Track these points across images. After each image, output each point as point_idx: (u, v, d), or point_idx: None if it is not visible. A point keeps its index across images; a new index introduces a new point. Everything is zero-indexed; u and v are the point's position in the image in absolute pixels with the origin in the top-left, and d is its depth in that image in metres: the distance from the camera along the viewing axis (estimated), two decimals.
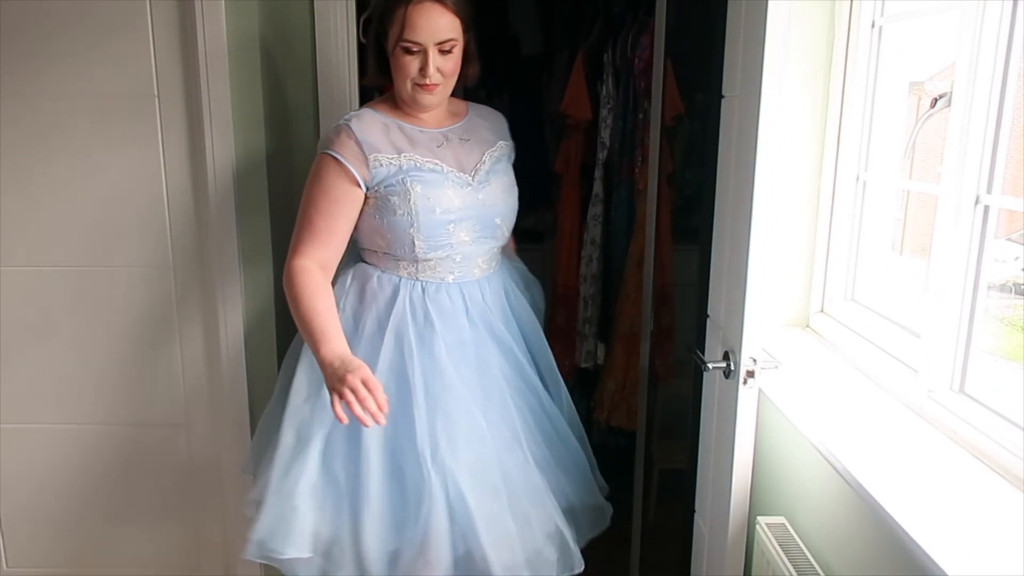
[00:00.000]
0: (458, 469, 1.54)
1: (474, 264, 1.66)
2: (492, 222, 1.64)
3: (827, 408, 1.44)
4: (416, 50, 1.51)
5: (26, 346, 2.03)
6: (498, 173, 1.68)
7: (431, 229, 1.56)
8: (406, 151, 1.58)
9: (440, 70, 1.54)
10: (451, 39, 1.52)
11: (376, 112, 1.63)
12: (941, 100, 1.44)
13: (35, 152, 1.92)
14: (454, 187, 1.59)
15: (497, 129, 1.75)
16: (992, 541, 1.04)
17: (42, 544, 2.16)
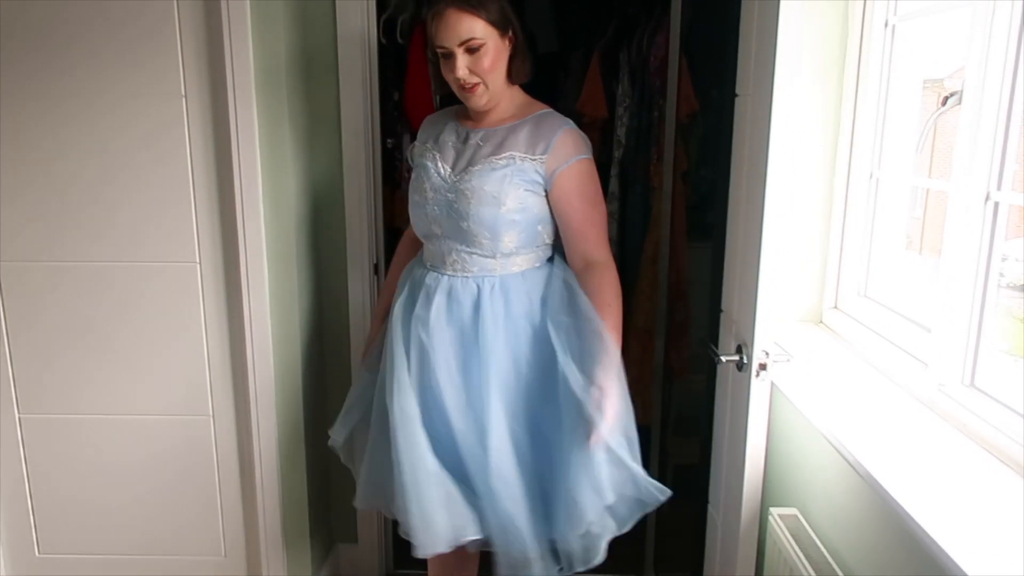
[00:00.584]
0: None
1: (445, 260, 1.72)
2: (457, 224, 1.66)
3: (839, 401, 1.46)
4: (448, 55, 1.62)
5: (58, 339, 2.09)
6: (483, 180, 1.64)
7: (413, 212, 1.76)
8: (428, 142, 1.77)
9: (471, 70, 1.61)
10: (473, 38, 1.59)
11: (450, 111, 1.83)
12: (952, 98, 1.46)
13: (65, 150, 1.97)
14: (433, 181, 1.71)
15: (531, 143, 1.66)
16: (1002, 532, 1.05)
17: (73, 531, 2.23)
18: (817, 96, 1.81)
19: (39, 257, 2.03)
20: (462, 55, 1.59)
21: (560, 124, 1.68)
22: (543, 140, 1.66)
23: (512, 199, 1.64)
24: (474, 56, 1.60)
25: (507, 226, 1.66)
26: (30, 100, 1.93)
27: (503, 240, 1.67)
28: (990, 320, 1.36)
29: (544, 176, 1.66)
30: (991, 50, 1.28)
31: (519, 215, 1.66)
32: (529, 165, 1.66)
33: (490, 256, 1.69)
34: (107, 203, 2.00)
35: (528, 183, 1.66)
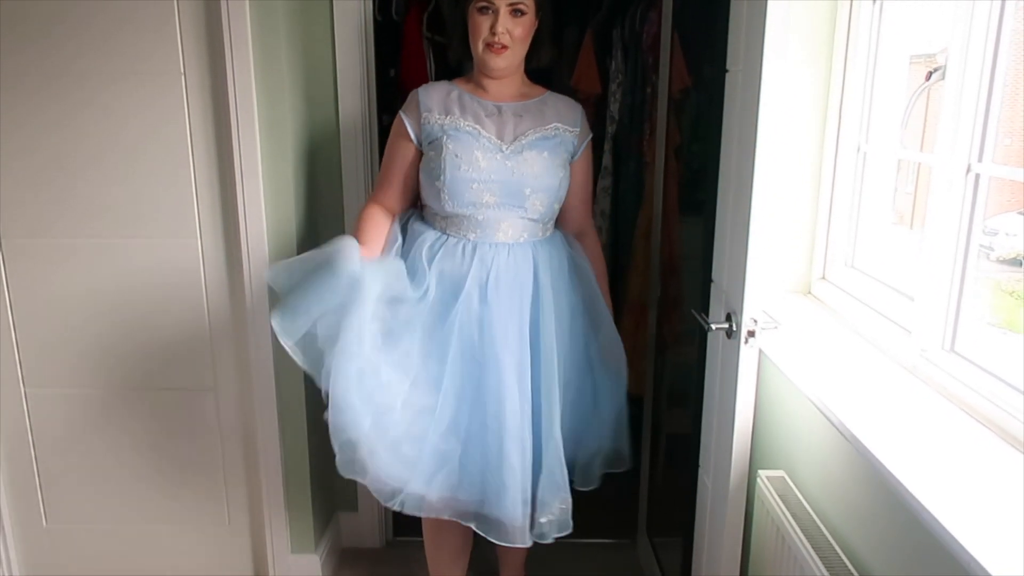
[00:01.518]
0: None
1: (496, 228, 1.77)
2: (519, 191, 1.75)
3: (825, 367, 1.51)
4: (489, 10, 1.70)
5: (63, 314, 2.12)
6: (539, 149, 1.77)
7: (455, 184, 1.73)
8: (454, 114, 1.78)
9: (509, 32, 1.70)
10: (521, 3, 1.70)
11: (450, 83, 1.86)
12: (936, 73, 1.49)
13: (65, 127, 1.99)
14: (484, 150, 1.74)
15: (563, 116, 1.83)
16: (981, 488, 1.09)
17: (79, 502, 2.28)
18: (806, 71, 1.84)
19: (41, 233, 2.06)
20: (505, 15, 1.69)
21: (575, 102, 1.88)
22: (574, 114, 1.84)
23: (563, 167, 1.82)
24: (514, 20, 1.71)
25: (562, 191, 1.83)
26: (29, 77, 1.95)
27: (555, 205, 1.83)
28: (970, 288, 1.41)
29: (575, 147, 1.85)
30: (973, 24, 1.32)
31: (567, 181, 1.84)
32: (569, 137, 1.83)
33: (540, 221, 1.82)
34: (108, 180, 2.02)
35: (567, 153, 1.83)
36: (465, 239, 1.78)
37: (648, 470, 2.47)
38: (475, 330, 1.75)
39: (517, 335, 1.77)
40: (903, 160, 1.82)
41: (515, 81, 1.83)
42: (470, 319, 1.75)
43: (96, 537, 2.31)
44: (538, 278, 1.80)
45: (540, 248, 1.83)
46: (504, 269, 1.76)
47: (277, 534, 2.27)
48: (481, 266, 1.76)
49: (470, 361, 1.76)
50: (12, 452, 2.23)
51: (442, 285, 1.77)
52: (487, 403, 1.75)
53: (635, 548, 2.56)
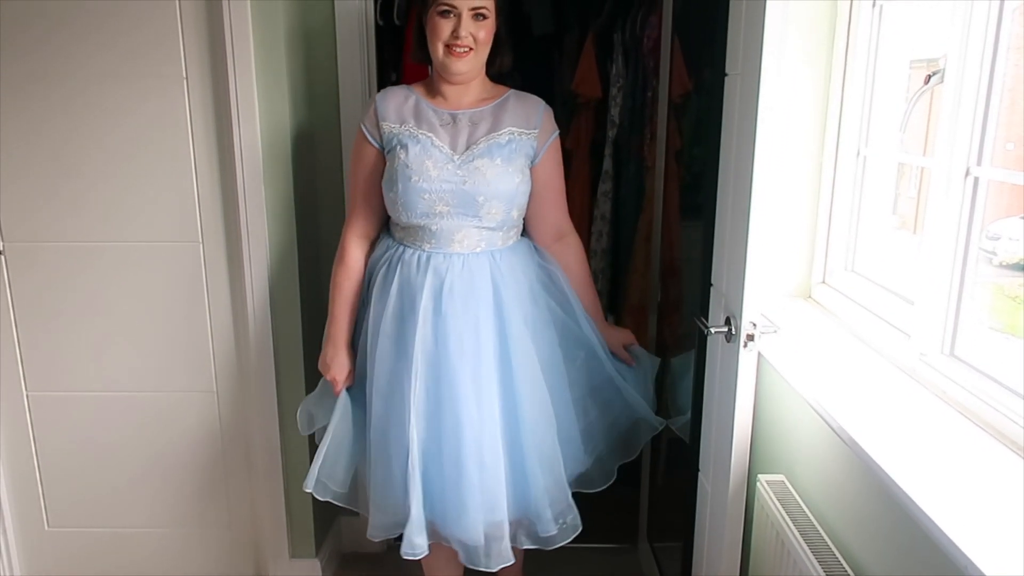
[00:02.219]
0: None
1: (451, 238, 1.73)
2: (472, 200, 1.70)
3: (825, 371, 1.51)
4: (451, 13, 1.66)
5: (65, 317, 2.13)
6: (492, 156, 1.72)
7: (407, 195, 1.71)
8: (408, 123, 1.75)
9: (473, 36, 1.67)
10: (484, 7, 1.67)
11: (407, 88, 1.82)
12: (934, 76, 1.50)
13: (68, 132, 2.00)
14: (435, 159, 1.71)
15: (523, 118, 1.77)
16: (981, 492, 1.09)
17: (81, 505, 2.28)
18: (806, 75, 1.84)
19: (44, 237, 2.07)
20: (468, 18, 1.66)
21: (538, 101, 1.82)
22: (532, 116, 1.78)
23: (520, 172, 1.75)
24: (477, 24, 1.67)
25: (520, 197, 1.76)
26: (32, 81, 1.97)
27: (513, 213, 1.77)
28: (969, 292, 1.41)
29: (535, 149, 1.78)
30: (971, 26, 1.32)
31: (525, 186, 1.77)
32: (526, 139, 1.77)
33: (498, 230, 1.76)
34: (110, 184, 2.03)
35: (525, 157, 1.77)
36: (420, 250, 1.75)
37: (648, 474, 2.47)
38: (431, 343, 1.72)
39: (474, 347, 1.72)
40: (905, 164, 1.82)
41: (476, 86, 1.79)
42: (425, 332, 1.72)
43: (97, 540, 2.31)
44: (498, 289, 1.75)
45: (500, 258, 1.78)
46: (459, 280, 1.72)
47: (278, 538, 2.28)
48: (435, 277, 1.72)
49: (426, 375, 1.72)
50: (14, 455, 2.24)
51: (399, 298, 1.75)
52: (444, 418, 1.72)
53: (636, 552, 2.55)
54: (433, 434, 1.73)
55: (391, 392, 1.74)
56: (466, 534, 1.72)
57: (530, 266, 1.85)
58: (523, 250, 1.85)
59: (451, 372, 1.71)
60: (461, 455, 1.70)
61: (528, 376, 1.76)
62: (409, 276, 1.74)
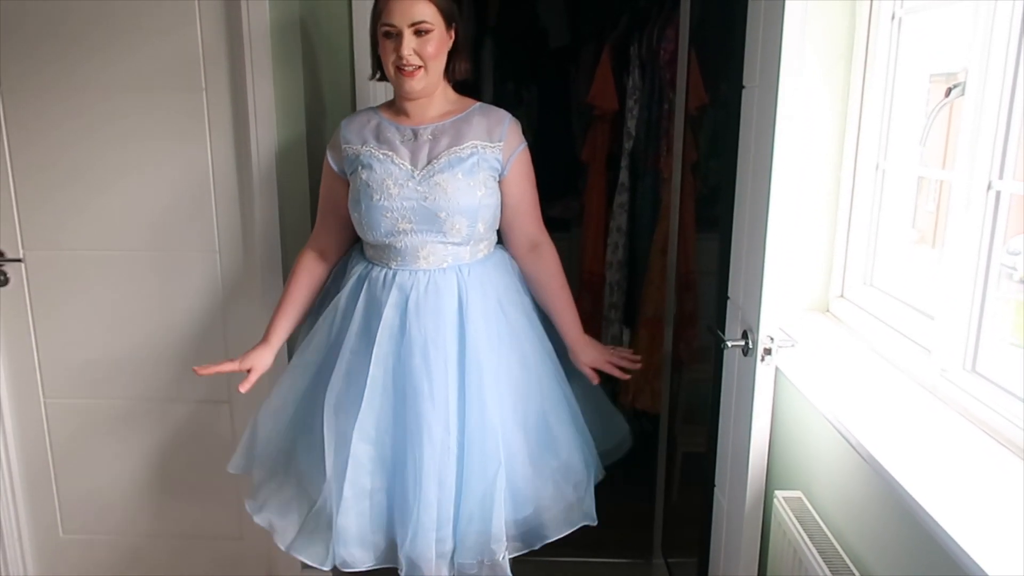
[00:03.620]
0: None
1: (416, 255, 1.71)
2: (434, 216, 1.68)
3: (843, 386, 1.49)
4: (393, 33, 1.63)
5: (82, 325, 2.15)
6: (452, 171, 1.69)
7: (370, 214, 1.69)
8: (370, 143, 1.73)
9: (418, 52, 1.63)
10: (424, 22, 1.62)
11: (372, 111, 1.81)
12: (955, 90, 1.48)
13: (88, 141, 2.03)
14: (395, 177, 1.69)
15: (486, 131, 1.74)
16: (1002, 512, 1.07)
17: (95, 512, 2.29)
18: (825, 88, 1.83)
19: (63, 246, 2.09)
20: (409, 36, 1.62)
21: (504, 113, 1.79)
22: (496, 129, 1.75)
23: (484, 186, 1.72)
24: (421, 39, 1.63)
25: (484, 211, 1.72)
26: (52, 92, 2.00)
27: (479, 226, 1.73)
28: (992, 307, 1.39)
29: (501, 162, 1.75)
30: (993, 39, 1.31)
31: (489, 199, 1.74)
32: (490, 153, 1.73)
33: (464, 244, 1.74)
34: (129, 193, 2.05)
35: (490, 170, 1.74)
36: (388, 268, 1.74)
37: (663, 489, 2.44)
38: (393, 360, 1.70)
39: (441, 365, 1.69)
40: (924, 178, 1.80)
41: (437, 99, 1.75)
42: (389, 350, 1.70)
43: (111, 547, 2.32)
44: (463, 305, 1.72)
45: (468, 272, 1.75)
46: (424, 296, 1.70)
47: None
48: (400, 294, 1.71)
49: (389, 391, 1.71)
50: (30, 461, 2.25)
51: (365, 315, 1.73)
52: (406, 436, 1.70)
53: (650, 568, 2.53)
54: (391, 451, 1.72)
55: (347, 407, 1.71)
56: (419, 552, 1.69)
57: (501, 279, 1.81)
58: (494, 263, 1.82)
59: (414, 390, 1.68)
60: (421, 475, 1.67)
61: (485, 396, 1.71)
62: (375, 293, 1.73)
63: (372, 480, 1.72)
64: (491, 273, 1.80)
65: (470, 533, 1.72)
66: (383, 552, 1.77)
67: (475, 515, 1.72)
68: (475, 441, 1.71)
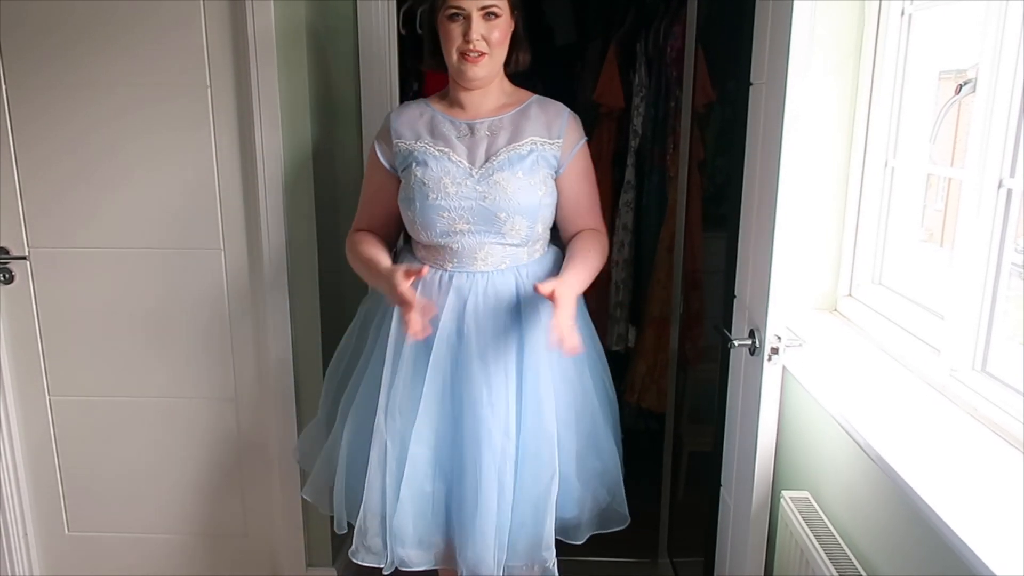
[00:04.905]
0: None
1: (474, 257, 1.65)
2: (493, 216, 1.62)
3: (851, 386, 1.48)
4: (461, 15, 1.56)
5: (88, 322, 2.15)
6: (512, 169, 1.62)
7: (426, 214, 1.62)
8: (424, 138, 1.66)
9: (485, 38, 1.57)
10: (494, 5, 1.56)
11: (423, 103, 1.74)
12: (966, 87, 1.47)
13: (93, 139, 2.03)
14: (452, 176, 1.62)
15: (545, 126, 1.68)
16: (1013, 515, 1.05)
17: (100, 510, 2.30)
18: (833, 85, 1.82)
19: (68, 243, 2.10)
20: (478, 20, 1.56)
21: (562, 107, 1.72)
22: (555, 123, 1.68)
23: (544, 184, 1.66)
24: (489, 24, 1.57)
25: (544, 211, 1.67)
26: (57, 89, 2.00)
27: (538, 227, 1.67)
28: (1002, 307, 1.37)
29: (559, 159, 1.68)
30: (1005, 36, 1.29)
31: (549, 199, 1.68)
32: (548, 150, 1.67)
33: (523, 245, 1.68)
34: (134, 191, 2.05)
35: (549, 167, 1.67)
36: (443, 270, 1.67)
37: (669, 488, 2.43)
38: (449, 366, 1.65)
39: (501, 371, 1.64)
40: (933, 176, 1.79)
41: (494, 90, 1.69)
42: (447, 354, 1.65)
43: (117, 545, 2.32)
44: (522, 306, 1.66)
45: (526, 274, 1.69)
46: (482, 300, 1.64)
47: (294, 546, 2.27)
48: (457, 298, 1.64)
49: (447, 397, 1.66)
50: (36, 459, 2.26)
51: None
52: (464, 442, 1.66)
53: (656, 568, 2.52)
54: (450, 457, 1.68)
55: (405, 411, 1.67)
56: (480, 558, 1.65)
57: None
58: (550, 262, 1.75)
59: (472, 397, 1.63)
60: (480, 482, 1.63)
61: (541, 402, 1.67)
62: (430, 296, 1.65)
63: (431, 483, 1.67)
64: (548, 273, 1.72)
65: (521, 538, 1.67)
66: (442, 553, 1.73)
67: (527, 520, 1.67)
68: (530, 447, 1.66)
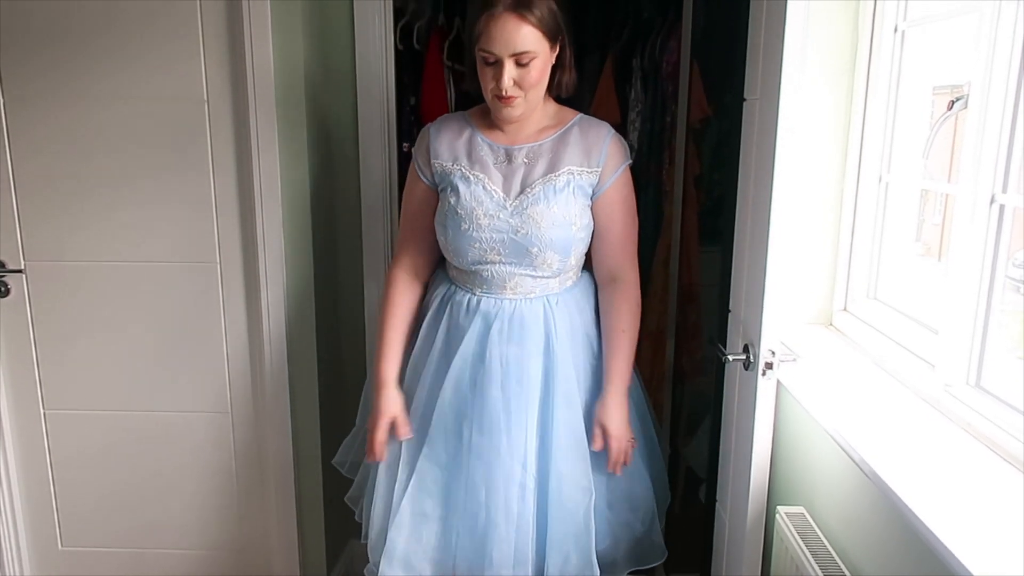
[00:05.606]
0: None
1: (504, 285, 1.62)
2: (525, 250, 1.58)
3: (846, 401, 1.48)
4: (493, 60, 1.49)
5: (83, 336, 2.15)
6: (548, 202, 1.57)
7: (457, 242, 1.60)
8: (461, 161, 1.61)
9: (517, 83, 1.51)
10: (528, 52, 1.48)
11: (464, 117, 1.69)
12: (958, 102, 1.47)
13: (88, 152, 2.03)
14: (486, 207, 1.58)
15: (584, 154, 1.60)
16: (1006, 530, 1.06)
17: (95, 525, 2.28)
18: (828, 100, 1.83)
19: (64, 257, 2.09)
20: (510, 66, 1.49)
21: (606, 130, 1.64)
22: (595, 149, 1.60)
23: (580, 218, 1.60)
24: (522, 70, 1.50)
25: (577, 244, 1.62)
26: (53, 102, 2.00)
27: (571, 259, 1.63)
28: (996, 321, 1.37)
29: (595, 186, 1.62)
30: (996, 53, 1.30)
31: (585, 231, 1.63)
32: (586, 179, 1.60)
33: (553, 277, 1.64)
34: (130, 204, 2.05)
35: (585, 196, 1.61)
36: (471, 293, 1.65)
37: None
38: (468, 389, 1.62)
39: (522, 400, 1.61)
40: (930, 191, 1.80)
41: (535, 115, 1.63)
42: (464, 376, 1.62)
43: (110, 560, 2.31)
44: (549, 336, 1.63)
45: (555, 303, 1.65)
46: (508, 325, 1.62)
47: (289, 560, 2.26)
48: (483, 322, 1.62)
49: (463, 421, 1.63)
50: (30, 473, 2.25)
51: (446, 342, 1.66)
52: (479, 468, 1.63)
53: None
54: (463, 482, 1.64)
55: (421, 429, 1.66)
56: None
57: (588, 306, 1.72)
58: (580, 290, 1.71)
59: (491, 424, 1.60)
60: (491, 510, 1.60)
61: (567, 438, 1.63)
62: (457, 319, 1.65)
63: (434, 507, 1.65)
64: (579, 301, 1.69)
65: (567, 561, 1.63)
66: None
67: (571, 556, 1.63)
68: (565, 479, 1.62)
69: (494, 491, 1.60)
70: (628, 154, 1.66)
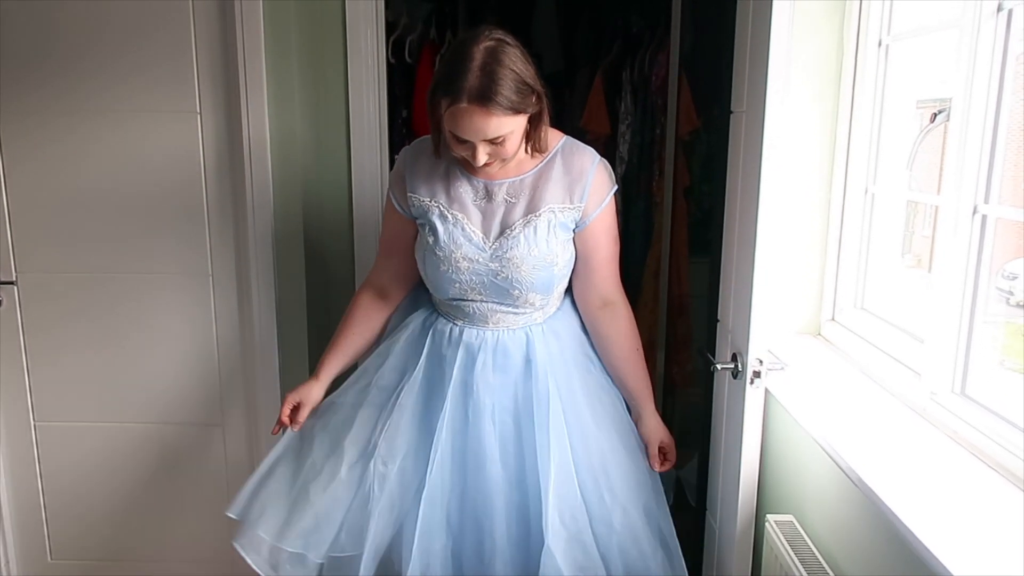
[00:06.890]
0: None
1: (486, 320, 1.60)
2: (506, 292, 1.55)
3: (834, 410, 1.49)
4: (465, 139, 1.42)
5: (74, 348, 2.14)
6: (529, 243, 1.52)
7: (437, 280, 1.57)
8: (439, 197, 1.56)
9: (491, 155, 1.45)
10: (498, 136, 1.40)
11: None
12: (940, 115, 1.50)
13: (82, 164, 2.03)
14: (464, 250, 1.53)
15: (566, 190, 1.54)
16: (993, 537, 1.07)
17: (84, 537, 2.27)
18: (814, 113, 1.85)
19: (56, 269, 2.09)
20: (483, 146, 1.42)
21: (590, 160, 1.56)
22: (578, 184, 1.54)
23: (562, 255, 1.56)
24: (496, 146, 1.43)
25: (559, 281, 1.60)
26: (46, 114, 2.01)
27: (553, 295, 1.62)
28: (980, 330, 1.39)
29: (578, 220, 1.57)
30: (976, 67, 1.33)
31: (567, 266, 1.59)
32: (568, 215, 1.55)
33: (538, 310, 1.62)
34: (122, 216, 2.06)
35: (566, 231, 1.57)
36: (453, 323, 1.62)
37: None
38: (460, 423, 1.60)
39: (510, 430, 1.60)
40: (920, 203, 1.82)
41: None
42: (457, 413, 1.60)
43: (100, 573, 2.29)
44: (533, 365, 1.60)
45: (543, 331, 1.63)
46: (491, 357, 1.60)
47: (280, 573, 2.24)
48: (467, 354, 1.60)
49: (457, 455, 1.60)
50: (19, 485, 2.23)
51: (428, 370, 1.63)
52: (476, 500, 1.60)
53: None
54: (457, 515, 1.62)
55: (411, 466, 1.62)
56: None
57: (571, 335, 1.68)
58: (561, 316, 1.68)
59: (484, 455, 1.58)
60: (486, 540, 1.60)
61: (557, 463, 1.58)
62: (439, 348, 1.62)
63: (442, 540, 1.62)
64: (561, 329, 1.66)
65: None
66: None
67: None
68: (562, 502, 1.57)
69: (492, 519, 1.59)
70: (614, 181, 1.61)
